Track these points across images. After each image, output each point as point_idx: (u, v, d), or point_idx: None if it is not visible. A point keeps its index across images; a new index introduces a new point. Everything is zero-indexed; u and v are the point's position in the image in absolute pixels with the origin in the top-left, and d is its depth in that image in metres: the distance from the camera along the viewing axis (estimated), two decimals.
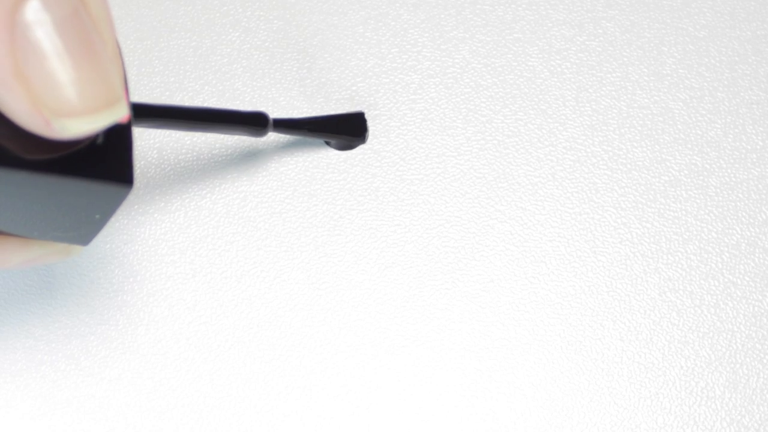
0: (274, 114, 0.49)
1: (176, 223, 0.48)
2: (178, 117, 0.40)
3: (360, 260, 0.48)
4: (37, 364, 0.46)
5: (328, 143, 0.49)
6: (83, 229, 0.34)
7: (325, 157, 0.49)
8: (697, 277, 0.47)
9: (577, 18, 0.51)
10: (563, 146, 0.49)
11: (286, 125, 0.46)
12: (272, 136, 0.49)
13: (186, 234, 0.48)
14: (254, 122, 0.44)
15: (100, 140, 0.31)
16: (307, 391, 0.46)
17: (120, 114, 0.29)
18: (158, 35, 0.51)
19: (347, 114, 0.49)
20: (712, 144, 0.49)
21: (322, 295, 0.47)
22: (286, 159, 0.49)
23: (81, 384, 0.46)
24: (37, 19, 0.28)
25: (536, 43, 0.51)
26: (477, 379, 0.46)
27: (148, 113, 0.39)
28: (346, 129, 0.48)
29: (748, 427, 0.46)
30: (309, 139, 0.49)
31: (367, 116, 0.49)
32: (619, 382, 0.46)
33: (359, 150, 0.49)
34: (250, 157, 0.49)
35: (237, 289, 0.47)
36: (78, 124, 0.29)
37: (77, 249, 0.36)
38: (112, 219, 0.48)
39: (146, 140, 0.49)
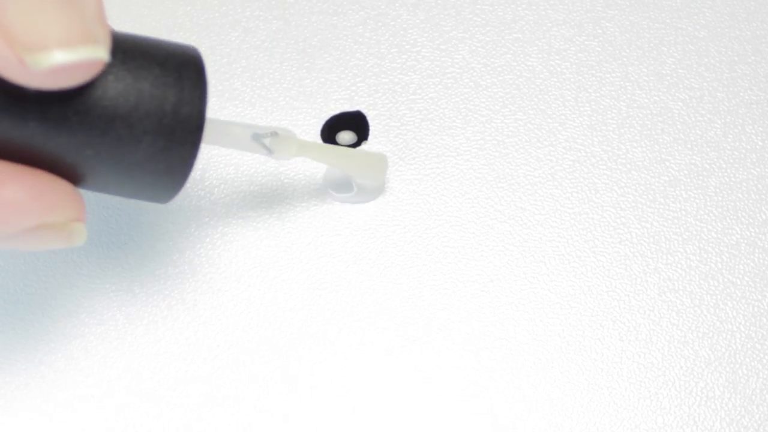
0: (273, 114, 0.49)
1: (175, 223, 0.48)
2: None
3: (358, 260, 0.48)
4: (36, 364, 0.46)
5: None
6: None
7: None
8: (697, 277, 0.47)
9: (577, 18, 0.51)
10: (563, 146, 0.49)
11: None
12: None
13: (185, 234, 0.48)
14: None
15: None
16: (307, 391, 0.46)
17: (96, 53, 0.28)
18: (157, 35, 0.51)
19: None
20: (711, 144, 0.49)
21: (322, 295, 0.47)
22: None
23: (80, 384, 0.46)
24: None
25: (536, 43, 0.51)
26: (476, 380, 0.46)
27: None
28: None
29: (748, 427, 0.46)
30: (307, 138, 0.49)
31: (367, 117, 0.49)
32: (619, 382, 0.46)
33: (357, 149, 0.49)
34: (248, 157, 0.49)
35: (236, 289, 0.47)
36: (50, 57, 0.28)
37: (80, 236, 0.34)
38: (111, 219, 0.48)
39: None
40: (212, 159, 0.49)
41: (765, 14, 0.51)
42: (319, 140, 0.49)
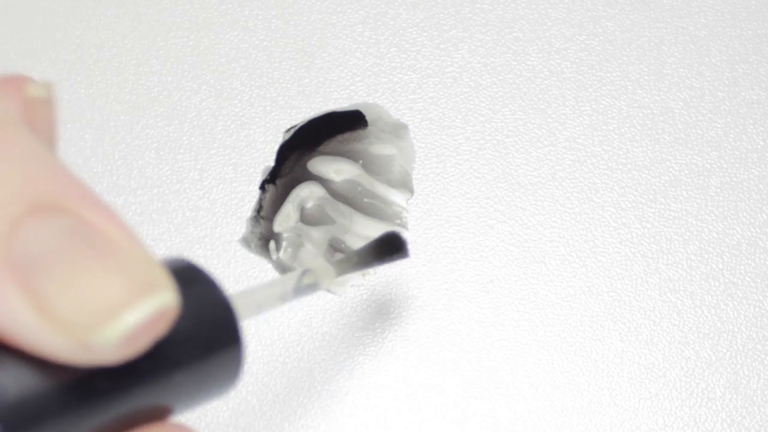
0: (272, 114, 0.49)
1: (173, 224, 0.48)
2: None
3: None
4: None
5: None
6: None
7: None
8: (698, 277, 0.47)
9: (577, 17, 0.51)
10: (563, 146, 0.49)
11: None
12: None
13: (183, 234, 0.48)
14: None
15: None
16: (306, 391, 0.45)
17: (164, 298, 0.25)
18: (155, 34, 0.50)
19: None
20: (712, 144, 0.49)
21: (320, 295, 0.47)
22: None
23: None
24: (36, 252, 0.24)
25: (536, 42, 0.50)
26: (476, 380, 0.46)
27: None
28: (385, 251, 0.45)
29: (749, 428, 0.45)
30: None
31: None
32: (619, 383, 0.46)
33: None
34: (246, 157, 0.49)
35: (235, 290, 0.47)
36: (116, 326, 0.24)
37: None
38: None
39: (144, 140, 0.49)
40: (211, 158, 0.49)
41: (766, 13, 0.51)
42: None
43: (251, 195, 0.48)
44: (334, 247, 0.47)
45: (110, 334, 0.24)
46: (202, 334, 0.27)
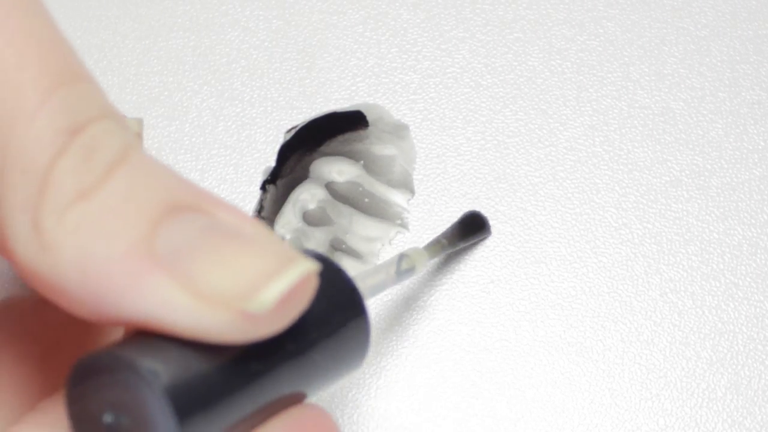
0: (273, 114, 0.49)
1: None
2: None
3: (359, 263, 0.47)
4: None
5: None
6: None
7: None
8: (699, 278, 0.47)
9: (578, 17, 0.51)
10: (564, 146, 0.49)
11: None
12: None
13: None
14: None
15: None
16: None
17: (306, 265, 0.27)
18: (156, 34, 0.50)
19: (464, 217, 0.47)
20: (713, 144, 0.49)
21: None
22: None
23: None
24: (178, 245, 0.26)
25: (536, 42, 0.50)
26: (476, 381, 0.46)
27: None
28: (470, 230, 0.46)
29: (750, 428, 0.45)
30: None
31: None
32: (620, 384, 0.46)
33: None
34: (247, 157, 0.49)
35: None
36: (270, 289, 0.26)
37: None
38: None
39: (145, 141, 0.49)
40: (212, 159, 0.49)
41: (766, 13, 0.51)
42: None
43: (252, 195, 0.48)
44: (335, 247, 0.47)
45: (266, 299, 0.26)
46: (335, 315, 0.29)
